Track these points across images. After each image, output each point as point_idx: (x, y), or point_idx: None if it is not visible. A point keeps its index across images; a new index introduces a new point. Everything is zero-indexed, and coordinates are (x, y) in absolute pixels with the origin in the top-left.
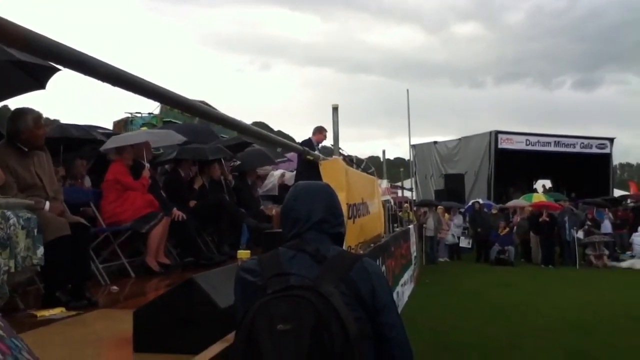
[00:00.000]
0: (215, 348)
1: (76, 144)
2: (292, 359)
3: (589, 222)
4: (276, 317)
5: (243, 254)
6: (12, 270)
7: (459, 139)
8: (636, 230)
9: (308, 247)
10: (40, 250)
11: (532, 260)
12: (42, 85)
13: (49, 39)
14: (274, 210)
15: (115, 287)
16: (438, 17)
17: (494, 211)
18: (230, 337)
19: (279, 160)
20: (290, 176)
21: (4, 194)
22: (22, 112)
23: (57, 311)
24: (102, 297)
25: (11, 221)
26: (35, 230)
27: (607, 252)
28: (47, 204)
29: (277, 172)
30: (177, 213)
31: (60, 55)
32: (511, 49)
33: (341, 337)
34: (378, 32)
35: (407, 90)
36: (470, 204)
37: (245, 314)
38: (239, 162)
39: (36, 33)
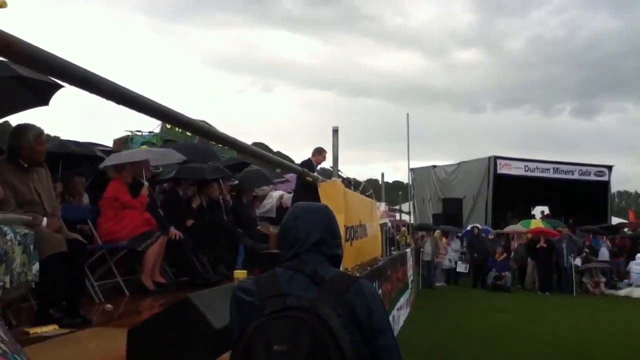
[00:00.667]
0: None
1: (75, 160)
2: None
3: (586, 250)
4: (273, 338)
5: (240, 273)
6: (7, 286)
7: (458, 163)
8: (633, 259)
9: (306, 268)
10: (36, 267)
11: (526, 287)
12: (45, 102)
13: (56, 56)
14: (270, 229)
15: (109, 305)
16: (438, 42)
17: (491, 236)
18: (225, 357)
19: (277, 180)
20: (288, 198)
21: (2, 209)
22: (24, 128)
23: (50, 328)
24: (96, 315)
25: (8, 236)
26: (32, 247)
27: (604, 279)
28: (45, 220)
29: (276, 194)
30: (174, 232)
31: (66, 73)
32: (511, 75)
33: (338, 359)
34: (379, 56)
35: (407, 114)
36: (468, 228)
37: (242, 334)
38: (237, 182)
39: (44, 50)
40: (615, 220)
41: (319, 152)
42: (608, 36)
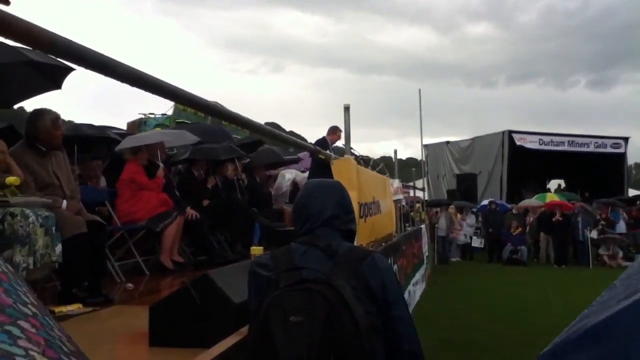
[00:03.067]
0: (229, 341)
1: (90, 143)
2: (305, 350)
3: (602, 222)
4: (289, 309)
5: (256, 250)
6: (31, 267)
7: (472, 138)
8: None
9: (320, 243)
10: (59, 248)
11: (540, 260)
12: (58, 86)
13: (72, 41)
14: (285, 207)
15: (130, 285)
16: (449, 17)
17: (514, 212)
18: (244, 330)
19: (288, 158)
20: (302, 178)
21: (23, 193)
22: (41, 113)
23: (74, 307)
24: (117, 294)
25: (30, 219)
26: (54, 229)
27: (621, 252)
28: (65, 202)
29: (289, 175)
30: (191, 212)
31: (83, 57)
32: (523, 49)
33: (352, 329)
34: (389, 33)
35: (419, 90)
36: (483, 203)
37: (259, 307)
38: (249, 160)
39: (60, 36)
40: (632, 193)
41: (334, 131)
42: (621, 6)
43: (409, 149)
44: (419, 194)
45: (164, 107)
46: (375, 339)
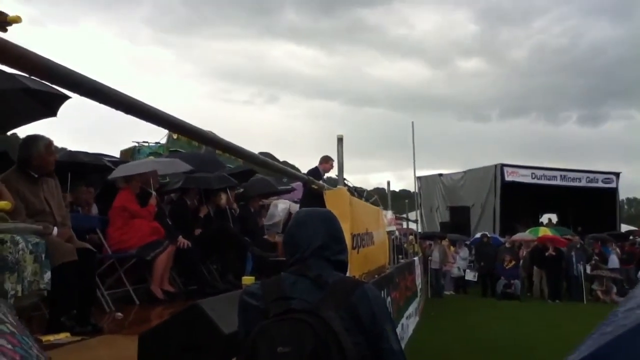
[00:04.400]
0: None
1: (84, 170)
2: None
3: (596, 257)
4: (277, 340)
5: (248, 280)
6: (19, 294)
7: (464, 171)
8: None
9: (310, 273)
10: (47, 276)
11: (533, 294)
12: (53, 113)
13: (67, 68)
14: (277, 238)
15: (119, 314)
16: (442, 52)
17: (507, 245)
18: None
19: (282, 188)
20: (296, 208)
21: (13, 219)
22: (34, 139)
23: (62, 336)
24: (106, 323)
25: (20, 245)
26: (43, 255)
27: (614, 287)
28: (55, 229)
29: (282, 205)
30: (183, 241)
31: (78, 84)
32: (515, 84)
33: None
34: (383, 66)
35: (412, 123)
36: (477, 236)
37: (246, 336)
38: (242, 190)
39: (56, 62)
40: (624, 228)
41: (326, 161)
42: (611, 43)
43: (402, 181)
44: (412, 226)
45: (157, 135)
46: None
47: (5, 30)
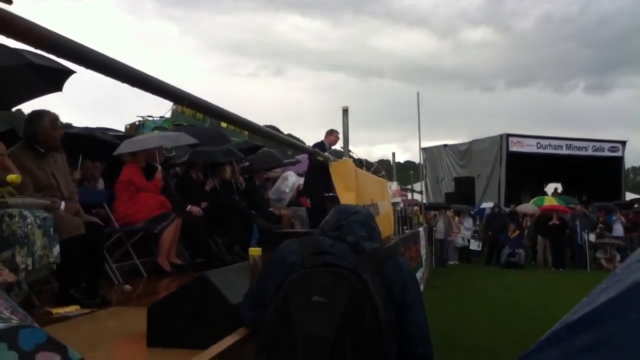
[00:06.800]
0: (226, 342)
1: (97, 147)
2: (323, 331)
3: (600, 225)
4: (313, 289)
5: (255, 251)
6: (30, 268)
7: (470, 142)
8: None
9: (348, 237)
10: (56, 249)
11: (537, 263)
12: (58, 88)
13: (73, 41)
14: (282, 211)
15: (128, 286)
16: (448, 22)
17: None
18: (241, 331)
19: (287, 161)
20: (301, 181)
21: (21, 194)
22: (39, 114)
23: (71, 309)
24: (115, 296)
25: (28, 220)
26: (52, 230)
27: (618, 255)
28: (63, 204)
29: (291, 177)
30: (194, 209)
31: (84, 57)
32: (522, 54)
33: (372, 321)
34: (389, 37)
35: (418, 94)
36: (481, 206)
37: (281, 285)
38: (248, 164)
39: (62, 35)
40: (629, 196)
41: (331, 133)
42: (618, 12)
43: (408, 152)
44: (417, 196)
45: (162, 109)
46: (392, 337)
47: (10, 3)
